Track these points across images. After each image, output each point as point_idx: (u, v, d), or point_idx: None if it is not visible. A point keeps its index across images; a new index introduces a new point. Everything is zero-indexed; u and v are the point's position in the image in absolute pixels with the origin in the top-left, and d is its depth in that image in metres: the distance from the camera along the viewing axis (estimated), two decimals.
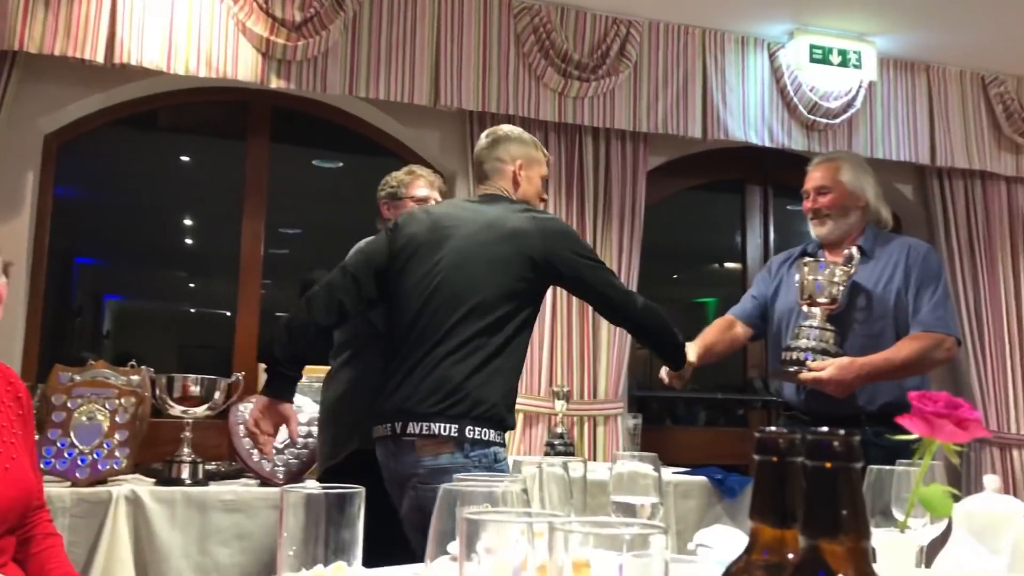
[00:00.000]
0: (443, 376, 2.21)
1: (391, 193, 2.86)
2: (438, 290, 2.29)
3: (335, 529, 0.89)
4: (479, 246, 2.30)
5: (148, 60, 3.30)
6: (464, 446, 2.18)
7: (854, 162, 2.87)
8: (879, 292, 2.67)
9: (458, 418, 2.19)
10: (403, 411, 2.23)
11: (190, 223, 5.21)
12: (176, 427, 2.96)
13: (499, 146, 2.48)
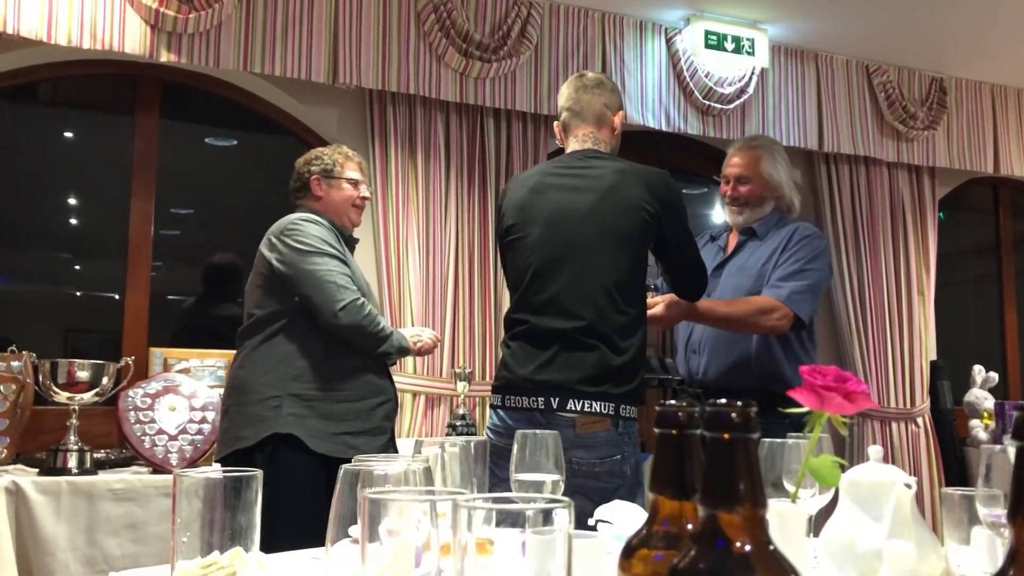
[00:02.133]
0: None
1: (325, 170, 2.77)
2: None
3: (231, 514, 0.86)
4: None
5: (25, 29, 3.12)
6: (618, 424, 2.21)
7: (774, 151, 2.94)
8: (758, 270, 2.78)
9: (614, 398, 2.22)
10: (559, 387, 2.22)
11: (75, 202, 4.98)
12: (62, 414, 2.83)
13: (605, 91, 2.51)
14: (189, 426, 2.93)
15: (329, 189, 2.74)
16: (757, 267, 2.80)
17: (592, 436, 2.16)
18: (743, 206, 2.88)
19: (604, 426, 2.18)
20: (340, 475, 0.78)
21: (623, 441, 2.22)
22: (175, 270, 4.67)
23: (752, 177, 2.87)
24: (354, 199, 2.76)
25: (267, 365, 2.54)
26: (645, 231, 2.32)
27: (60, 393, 2.78)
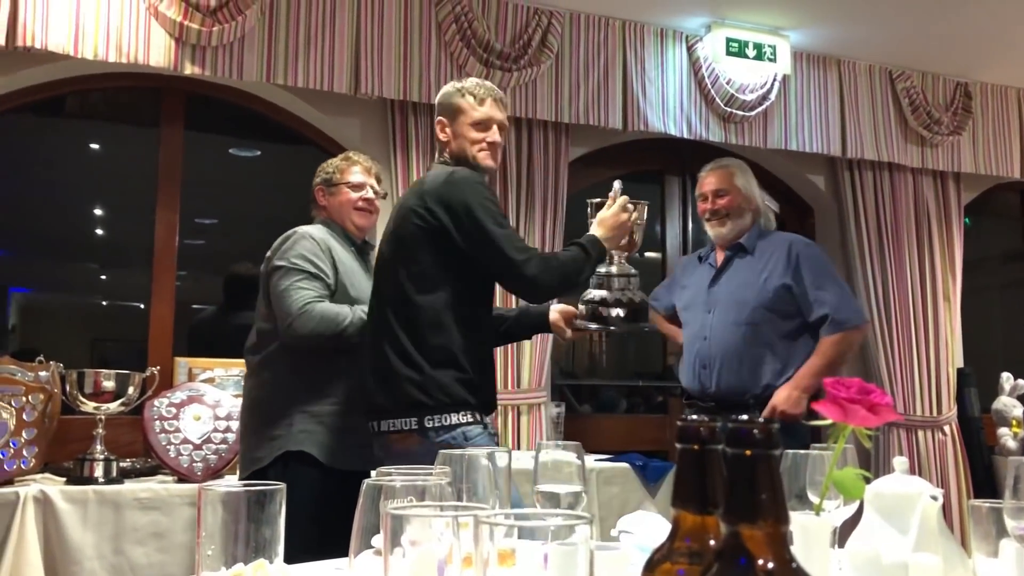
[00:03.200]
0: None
1: (326, 179, 2.79)
2: None
3: (256, 527, 0.87)
4: None
5: (54, 43, 3.17)
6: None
7: (743, 168, 3.16)
8: (758, 284, 2.94)
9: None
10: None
11: (101, 213, 5.04)
12: (88, 424, 2.86)
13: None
14: (213, 435, 2.95)
15: (331, 197, 2.74)
16: (757, 280, 2.95)
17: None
18: (724, 218, 3.04)
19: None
20: (363, 489, 0.78)
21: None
22: (200, 279, 4.72)
23: (728, 189, 3.04)
24: (354, 202, 2.71)
25: (276, 382, 2.54)
26: (423, 238, 2.28)
27: (87, 403, 2.81)
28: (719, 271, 3.06)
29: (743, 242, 3.03)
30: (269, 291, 2.54)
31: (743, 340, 2.91)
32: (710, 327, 3.00)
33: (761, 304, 2.92)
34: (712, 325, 2.99)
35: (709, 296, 3.04)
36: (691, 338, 3.07)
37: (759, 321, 2.92)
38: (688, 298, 3.13)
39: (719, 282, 3.04)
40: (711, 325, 3.00)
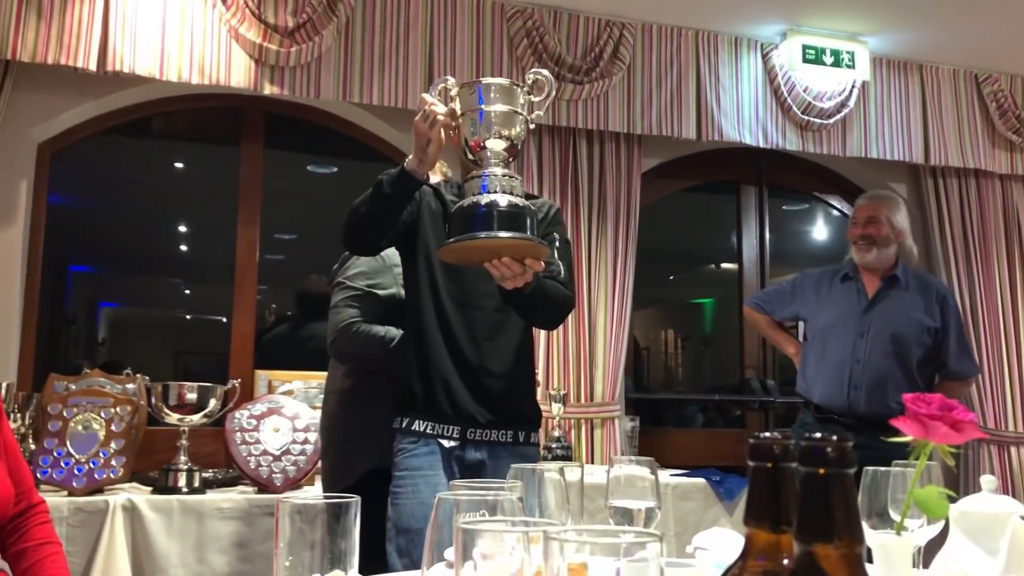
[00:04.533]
0: None
1: None
2: None
3: (331, 538, 0.89)
4: None
5: (141, 67, 3.29)
6: None
7: (898, 202, 3.41)
8: (913, 321, 3.20)
9: None
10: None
11: (184, 229, 5.20)
12: (172, 435, 2.95)
13: None
14: (292, 447, 3.00)
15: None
16: (912, 317, 3.21)
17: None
18: (871, 244, 3.24)
19: None
20: (435, 503, 0.79)
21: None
22: (280, 293, 4.82)
23: (881, 219, 3.26)
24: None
25: (352, 398, 2.57)
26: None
27: (171, 415, 2.90)
28: (874, 299, 3.26)
29: (898, 275, 3.26)
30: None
31: (895, 368, 3.15)
32: (865, 351, 3.19)
33: (914, 340, 3.19)
34: (867, 350, 3.19)
35: (862, 321, 3.23)
36: (840, 358, 3.23)
37: (909, 354, 3.18)
38: (833, 317, 3.28)
39: (874, 310, 3.24)
40: (866, 350, 3.20)
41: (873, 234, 3.25)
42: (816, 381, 3.27)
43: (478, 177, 1.97)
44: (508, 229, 1.91)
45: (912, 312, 3.21)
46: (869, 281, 3.27)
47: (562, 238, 2.33)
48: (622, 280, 3.93)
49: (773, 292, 3.61)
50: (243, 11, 3.41)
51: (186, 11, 3.37)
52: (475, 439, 2.19)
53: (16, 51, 3.16)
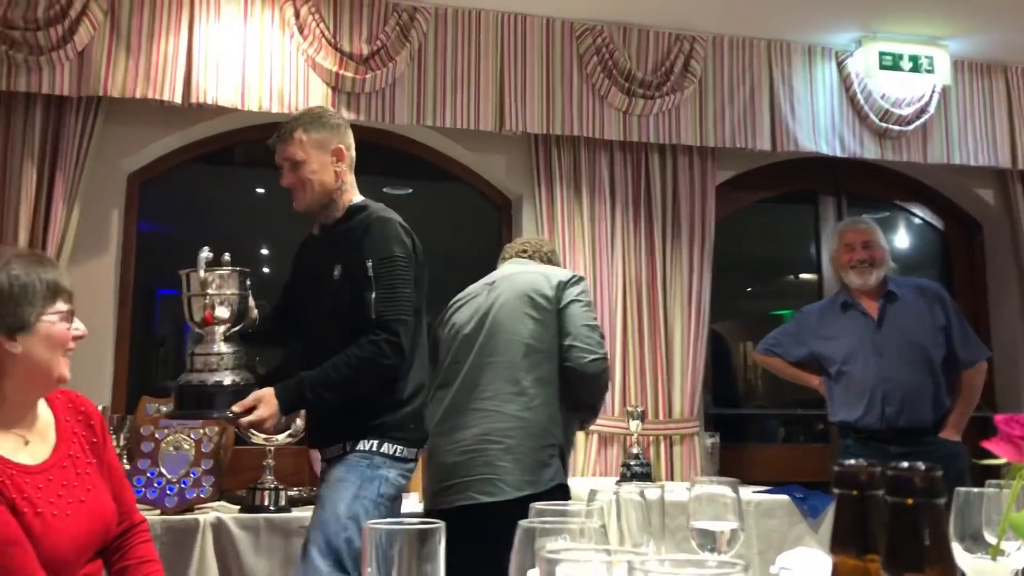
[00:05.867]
0: None
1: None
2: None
3: (417, 563, 0.90)
4: None
5: (223, 99, 3.41)
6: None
7: (877, 226, 3.53)
8: (925, 327, 3.30)
9: None
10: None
11: (266, 252, 5.34)
12: (258, 454, 3.03)
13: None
14: None
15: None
16: (922, 324, 3.31)
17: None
18: (871, 267, 3.36)
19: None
20: (517, 532, 0.80)
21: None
22: None
23: (876, 243, 3.40)
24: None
25: (547, 410, 2.57)
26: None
27: (256, 435, 2.97)
28: (880, 318, 3.35)
29: (894, 290, 3.38)
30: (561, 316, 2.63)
31: (922, 377, 3.25)
32: (891, 368, 3.26)
33: (930, 343, 3.29)
34: (891, 367, 3.27)
35: (877, 341, 3.32)
36: (867, 382, 3.29)
37: (930, 359, 3.28)
38: (847, 347, 3.36)
39: (884, 327, 3.33)
40: (891, 367, 3.27)
41: (875, 256, 3.37)
42: (849, 407, 3.33)
43: (204, 355, 2.36)
44: (218, 408, 2.29)
45: (920, 318, 3.32)
46: (868, 304, 3.39)
47: (376, 259, 2.30)
48: (698, 294, 3.89)
49: (781, 334, 3.61)
50: (319, 40, 3.51)
51: (265, 43, 3.48)
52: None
53: (107, 87, 3.31)
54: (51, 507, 1.61)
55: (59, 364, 1.66)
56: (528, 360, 2.57)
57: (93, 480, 1.71)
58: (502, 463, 2.47)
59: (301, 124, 2.46)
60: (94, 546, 1.70)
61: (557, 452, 2.56)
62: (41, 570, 1.55)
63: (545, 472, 2.50)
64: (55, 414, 1.73)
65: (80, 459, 1.72)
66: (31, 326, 1.62)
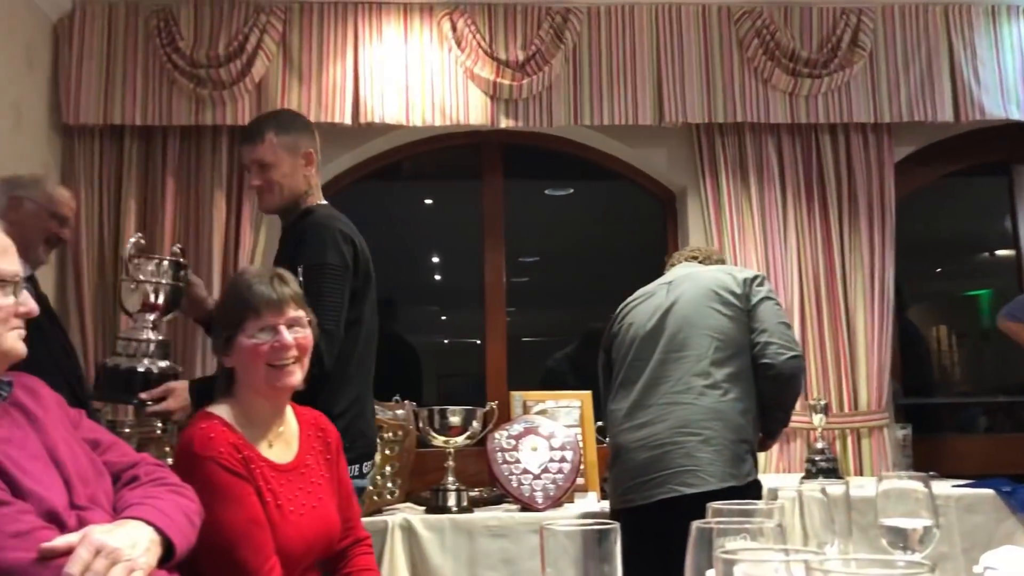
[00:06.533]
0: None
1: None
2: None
3: (595, 563, 0.91)
4: None
5: (389, 116, 3.55)
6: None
7: None
8: None
9: None
10: None
11: (437, 260, 5.52)
12: (440, 456, 3.12)
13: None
14: (550, 465, 3.08)
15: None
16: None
17: None
18: None
19: None
20: (692, 532, 0.79)
21: None
22: (527, 315, 4.98)
23: None
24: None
25: (741, 404, 2.52)
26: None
27: (437, 437, 3.07)
28: None
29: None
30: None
31: None
32: None
33: None
34: None
35: None
36: None
37: None
38: None
39: None
40: None
41: None
42: None
43: (127, 340, 2.34)
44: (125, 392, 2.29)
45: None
46: None
47: (307, 266, 2.25)
48: (881, 279, 3.69)
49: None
50: (476, 51, 3.59)
51: (425, 59, 3.60)
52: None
53: None
54: (288, 503, 1.78)
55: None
56: (719, 354, 2.53)
57: (324, 491, 1.87)
58: (702, 454, 2.43)
59: (272, 126, 2.43)
60: (318, 551, 1.84)
61: (750, 448, 2.51)
62: (275, 555, 1.71)
63: (744, 465, 2.46)
64: (300, 427, 1.91)
65: (315, 470, 1.88)
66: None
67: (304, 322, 1.86)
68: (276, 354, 1.80)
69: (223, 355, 1.85)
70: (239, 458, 1.74)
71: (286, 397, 1.88)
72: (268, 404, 1.85)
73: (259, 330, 1.80)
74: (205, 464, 1.70)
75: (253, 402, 1.83)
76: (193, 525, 1.47)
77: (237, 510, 1.70)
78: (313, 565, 1.86)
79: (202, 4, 3.56)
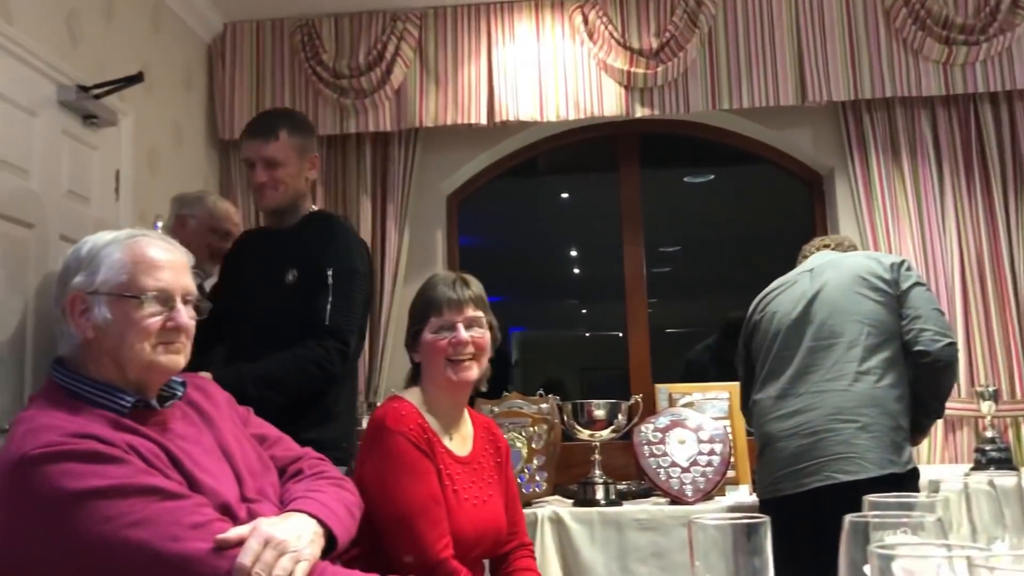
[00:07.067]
0: None
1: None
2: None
3: (745, 557, 0.89)
4: None
5: (524, 114, 3.59)
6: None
7: None
8: None
9: None
10: None
11: (575, 254, 5.53)
12: (586, 450, 3.13)
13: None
14: (699, 458, 3.04)
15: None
16: None
17: None
18: None
19: None
20: (845, 525, 0.76)
21: None
22: (670, 305, 4.92)
23: None
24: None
25: (896, 391, 2.46)
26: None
27: (582, 431, 3.08)
28: None
29: None
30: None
31: None
32: None
33: None
34: None
35: None
36: None
37: None
38: None
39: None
40: None
41: None
42: None
43: None
44: None
45: None
46: None
47: (338, 268, 2.26)
48: None
49: None
50: (609, 42, 3.57)
51: (558, 54, 3.61)
52: None
53: (421, 119, 3.63)
54: (464, 491, 1.90)
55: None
56: (871, 340, 2.46)
57: (493, 490, 1.98)
58: (859, 441, 2.36)
59: (286, 125, 2.42)
60: (487, 545, 1.93)
61: (907, 436, 2.43)
62: (449, 535, 1.80)
63: (903, 452, 2.38)
64: (475, 428, 2.04)
65: (487, 469, 1.99)
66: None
67: (483, 322, 1.97)
68: (454, 350, 1.92)
69: (411, 350, 1.99)
70: (424, 439, 1.86)
71: (464, 393, 1.99)
72: (448, 398, 1.96)
73: (440, 328, 1.92)
74: (394, 437, 1.82)
75: (435, 395, 1.95)
76: (353, 517, 1.54)
77: (419, 485, 1.81)
78: (479, 560, 1.94)
79: (342, 16, 3.70)
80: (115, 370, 1.42)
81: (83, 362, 1.43)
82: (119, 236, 1.48)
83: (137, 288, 1.42)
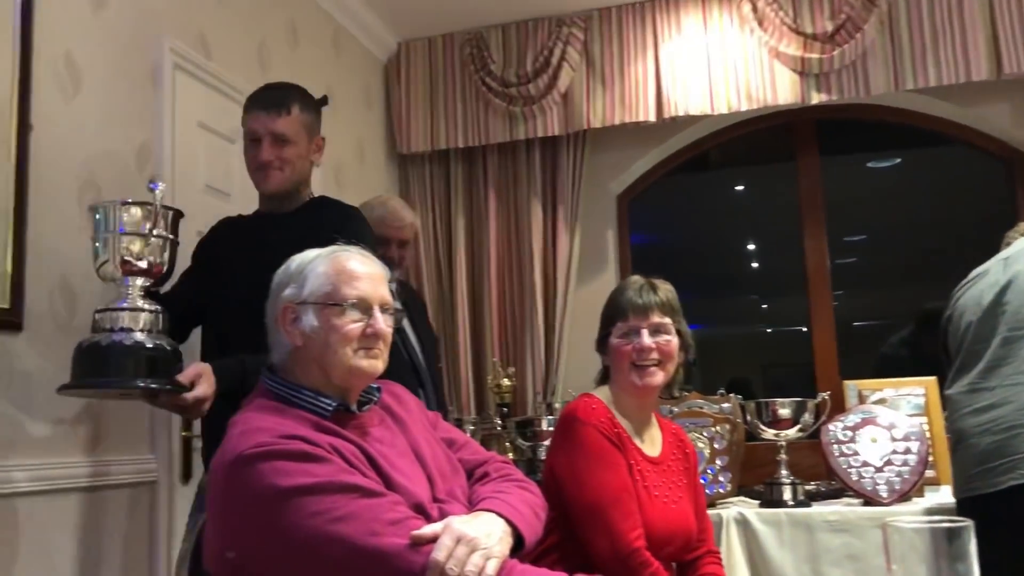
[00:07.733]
0: None
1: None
2: None
3: (948, 562, 0.86)
4: None
5: (694, 108, 3.54)
6: None
7: None
8: None
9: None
10: None
11: (753, 247, 5.38)
12: (770, 449, 3.05)
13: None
14: (893, 457, 2.89)
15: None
16: None
17: None
18: None
19: None
20: None
21: None
22: (856, 297, 4.70)
23: None
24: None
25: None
26: None
27: (767, 430, 3.00)
28: None
29: None
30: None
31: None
32: None
33: None
34: None
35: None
36: None
37: None
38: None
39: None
40: None
41: None
42: None
43: (118, 310, 1.80)
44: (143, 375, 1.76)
45: None
46: None
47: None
48: None
49: None
50: (780, 29, 3.46)
51: (727, 45, 3.54)
52: None
53: (589, 120, 3.65)
54: (655, 488, 1.92)
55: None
56: None
57: (682, 493, 1.99)
58: None
59: (298, 100, 2.16)
60: (677, 545, 1.94)
61: None
62: (641, 527, 1.83)
63: None
64: (663, 434, 2.07)
65: (675, 472, 2.02)
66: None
67: (669, 328, 1.98)
68: (638, 355, 1.94)
69: (601, 352, 2.04)
70: (615, 432, 1.90)
71: (650, 398, 2.01)
72: (634, 402, 1.98)
73: (625, 332, 1.96)
74: (586, 429, 1.87)
75: (622, 398, 1.98)
76: (539, 518, 1.58)
77: (612, 475, 1.85)
78: (668, 561, 1.93)
79: (508, 25, 3.79)
80: (321, 375, 1.52)
81: (292, 368, 1.54)
82: (323, 252, 1.59)
83: (339, 297, 1.52)
